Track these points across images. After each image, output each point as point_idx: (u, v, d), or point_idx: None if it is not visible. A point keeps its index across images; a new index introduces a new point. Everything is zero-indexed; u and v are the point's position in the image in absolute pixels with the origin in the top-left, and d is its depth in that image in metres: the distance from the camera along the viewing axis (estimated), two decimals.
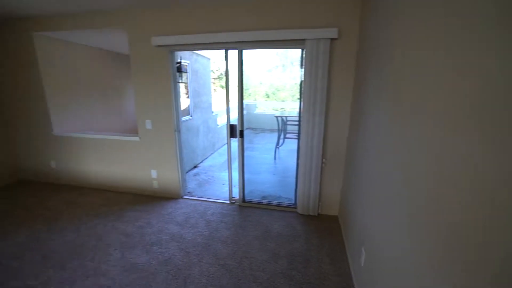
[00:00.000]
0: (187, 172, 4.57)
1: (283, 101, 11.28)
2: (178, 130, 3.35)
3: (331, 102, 2.76)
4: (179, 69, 3.50)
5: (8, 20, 3.47)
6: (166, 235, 2.68)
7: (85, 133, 3.82)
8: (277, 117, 5.93)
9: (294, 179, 3.20)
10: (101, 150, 3.72)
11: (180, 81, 3.57)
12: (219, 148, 6.43)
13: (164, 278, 2.09)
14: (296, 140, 3.72)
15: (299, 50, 2.83)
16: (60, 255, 2.38)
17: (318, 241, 2.58)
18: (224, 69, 3.00)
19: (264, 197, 3.60)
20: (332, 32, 2.49)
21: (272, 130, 8.73)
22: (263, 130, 9.19)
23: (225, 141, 6.95)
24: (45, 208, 3.26)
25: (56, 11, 3.05)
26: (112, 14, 3.07)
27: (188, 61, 4.65)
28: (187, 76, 4.64)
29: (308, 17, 2.58)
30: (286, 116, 6.17)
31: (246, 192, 3.38)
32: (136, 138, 3.47)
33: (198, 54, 5.04)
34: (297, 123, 3.37)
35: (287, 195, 3.65)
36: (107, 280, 2.07)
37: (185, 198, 3.56)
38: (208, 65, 5.67)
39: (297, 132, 3.74)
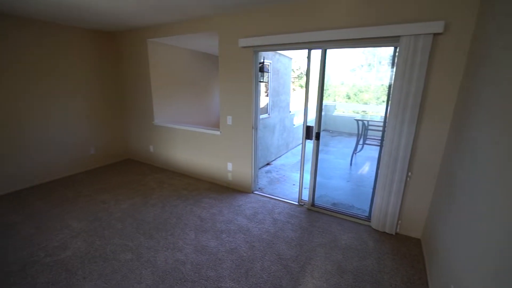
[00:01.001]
0: (259, 168, 4.74)
1: (365, 103, 10.42)
2: (255, 127, 3.49)
3: (426, 108, 2.38)
4: (261, 69, 3.63)
5: (131, 30, 4.28)
6: (234, 225, 2.85)
7: (176, 124, 4.39)
8: (357, 120, 5.52)
9: (370, 190, 2.92)
10: (188, 140, 4.21)
11: (261, 80, 3.71)
12: (292, 148, 6.42)
13: (229, 265, 2.23)
14: (377, 148, 3.39)
15: (390, 48, 2.54)
16: (150, 225, 2.82)
17: (393, 264, 2.29)
18: (305, 69, 2.96)
19: (334, 204, 3.42)
20: (436, 26, 2.13)
21: (350, 134, 8.20)
22: (340, 133, 8.72)
23: (300, 142, 6.90)
24: (142, 185, 3.91)
25: (164, 21, 3.57)
26: (206, 20, 3.41)
27: (270, 61, 4.78)
28: (268, 75, 4.78)
29: (405, 9, 2.28)
30: (368, 120, 5.68)
31: (316, 196, 3.27)
32: (217, 132, 3.79)
33: (280, 54, 5.13)
34: (380, 128, 3.06)
35: (360, 205, 3.37)
36: (182, 256, 2.34)
37: (255, 193, 3.70)
38: (290, 64, 5.71)
39: (379, 138, 3.41)
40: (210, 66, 5.71)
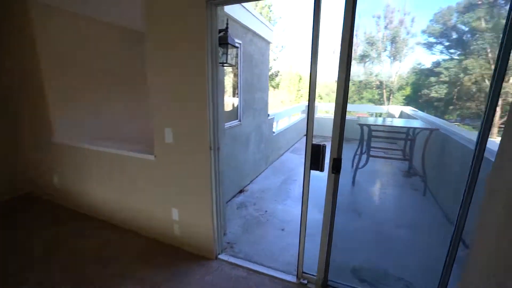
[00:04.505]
0: (228, 201, 3.17)
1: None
2: (215, 147, 1.92)
3: None
4: (224, 41, 2.03)
5: None
6: None
7: (87, 142, 2.64)
8: (361, 125, 4.13)
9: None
10: (106, 168, 2.51)
11: (224, 62, 2.12)
12: (274, 161, 4.93)
13: None
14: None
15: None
16: None
17: None
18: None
19: (355, 272, 1.96)
20: None
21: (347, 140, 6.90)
22: (324, 138, 7.40)
23: (281, 152, 5.40)
24: (14, 254, 2.14)
25: None
26: None
27: (240, 41, 3.23)
28: (236, 55, 2.89)
29: None
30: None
31: (332, 260, 1.79)
32: (150, 157, 2.15)
33: (254, 33, 3.60)
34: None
35: (403, 270, 1.93)
36: None
37: (220, 259, 2.13)
38: (267, 50, 4.20)
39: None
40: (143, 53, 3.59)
